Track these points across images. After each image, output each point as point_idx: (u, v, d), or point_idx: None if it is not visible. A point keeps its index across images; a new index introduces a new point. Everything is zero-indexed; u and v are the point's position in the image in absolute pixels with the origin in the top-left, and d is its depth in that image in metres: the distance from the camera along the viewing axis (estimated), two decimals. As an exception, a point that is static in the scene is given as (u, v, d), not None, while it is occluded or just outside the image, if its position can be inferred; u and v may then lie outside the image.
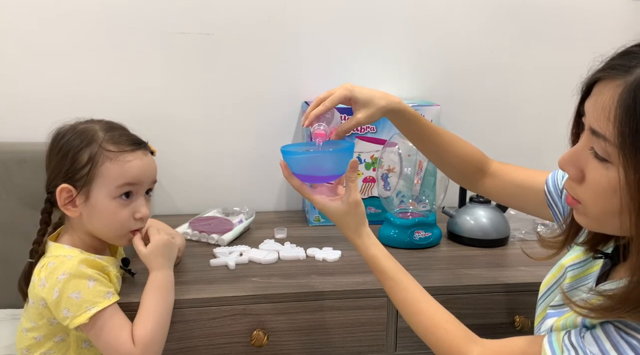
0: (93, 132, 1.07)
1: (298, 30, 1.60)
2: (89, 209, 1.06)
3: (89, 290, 1.00)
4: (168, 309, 1.07)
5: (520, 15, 1.64)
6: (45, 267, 1.03)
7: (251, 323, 1.14)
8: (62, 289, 0.99)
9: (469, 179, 1.17)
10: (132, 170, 1.07)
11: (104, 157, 1.05)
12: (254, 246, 1.36)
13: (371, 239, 1.00)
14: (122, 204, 1.07)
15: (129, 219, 1.08)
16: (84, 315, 0.99)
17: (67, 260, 1.02)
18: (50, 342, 1.07)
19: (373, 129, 1.51)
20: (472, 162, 1.14)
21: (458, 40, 1.66)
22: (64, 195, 1.05)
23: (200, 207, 1.59)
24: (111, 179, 1.05)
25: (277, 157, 1.67)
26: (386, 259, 0.98)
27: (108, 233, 1.09)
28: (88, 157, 1.05)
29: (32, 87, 1.52)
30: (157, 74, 1.57)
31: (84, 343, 1.09)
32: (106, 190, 1.05)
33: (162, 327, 1.04)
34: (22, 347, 1.09)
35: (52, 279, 1.00)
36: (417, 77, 1.68)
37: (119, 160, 1.06)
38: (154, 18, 1.53)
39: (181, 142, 1.62)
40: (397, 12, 1.62)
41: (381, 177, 1.48)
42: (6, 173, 1.44)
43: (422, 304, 0.94)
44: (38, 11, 1.49)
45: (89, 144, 1.06)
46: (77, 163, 1.05)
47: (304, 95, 1.64)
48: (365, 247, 0.99)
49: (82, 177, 1.05)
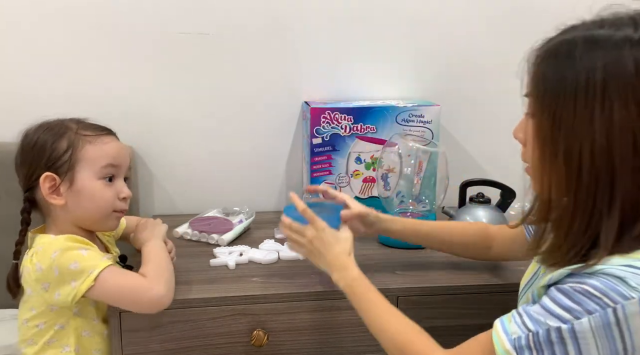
0: (64, 124, 1.10)
1: (298, 30, 1.59)
2: (74, 194, 1.08)
3: (85, 257, 1.03)
4: (166, 256, 1.13)
5: (520, 15, 1.64)
6: (35, 254, 1.05)
7: (251, 323, 1.14)
8: (59, 265, 1.01)
9: (481, 254, 1.22)
10: (113, 151, 1.11)
11: (83, 140, 1.08)
12: (254, 246, 1.36)
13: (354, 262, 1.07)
14: (106, 185, 1.10)
15: (114, 199, 1.11)
16: (89, 278, 1.01)
17: (54, 241, 1.05)
18: (51, 330, 1.08)
19: (373, 129, 1.51)
20: (475, 240, 1.21)
21: (458, 40, 1.66)
22: (47, 184, 1.06)
23: (200, 207, 1.58)
24: (94, 160, 1.08)
25: (277, 157, 1.68)
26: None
27: (94, 215, 1.11)
28: (67, 143, 1.07)
29: (31, 87, 1.52)
30: (157, 73, 1.57)
31: (84, 332, 1.10)
32: (90, 171, 1.08)
33: (167, 264, 1.11)
34: (25, 339, 1.10)
35: (46, 259, 1.02)
36: (417, 77, 1.68)
37: (98, 142, 1.09)
38: (153, 18, 1.53)
39: (181, 142, 1.62)
40: (397, 12, 1.62)
41: (381, 177, 1.48)
42: (6, 173, 1.43)
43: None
44: (37, 11, 1.49)
45: (64, 133, 1.08)
46: (57, 151, 1.07)
47: (304, 95, 1.63)
48: (355, 266, 1.05)
49: (64, 163, 1.06)
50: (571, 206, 0.78)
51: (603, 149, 0.74)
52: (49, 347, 1.08)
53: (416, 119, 1.53)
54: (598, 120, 0.74)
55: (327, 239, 1.07)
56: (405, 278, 1.22)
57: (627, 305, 0.69)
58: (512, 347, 0.76)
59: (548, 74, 0.79)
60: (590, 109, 0.75)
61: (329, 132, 1.51)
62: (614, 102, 0.74)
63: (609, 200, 0.75)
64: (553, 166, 0.79)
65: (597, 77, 0.74)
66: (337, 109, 1.50)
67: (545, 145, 0.80)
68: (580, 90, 0.75)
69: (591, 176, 0.76)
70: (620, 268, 0.72)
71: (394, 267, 1.27)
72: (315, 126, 1.50)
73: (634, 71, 0.73)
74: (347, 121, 1.50)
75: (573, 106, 0.76)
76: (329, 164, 1.54)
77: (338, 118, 1.50)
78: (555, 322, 0.73)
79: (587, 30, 0.78)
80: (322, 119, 1.50)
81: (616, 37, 0.75)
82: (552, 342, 0.73)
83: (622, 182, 0.75)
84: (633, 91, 0.73)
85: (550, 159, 0.79)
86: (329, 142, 1.52)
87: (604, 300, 0.70)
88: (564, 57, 0.78)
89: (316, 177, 1.54)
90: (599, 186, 0.75)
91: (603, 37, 0.76)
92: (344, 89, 1.65)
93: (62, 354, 1.09)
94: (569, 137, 0.76)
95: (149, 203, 1.65)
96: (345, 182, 1.56)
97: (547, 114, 0.79)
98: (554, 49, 0.80)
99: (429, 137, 1.53)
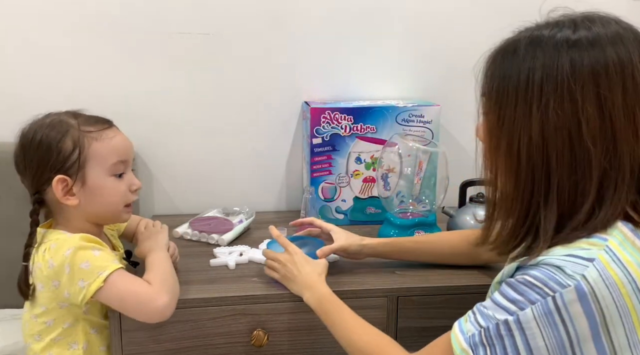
0: (64, 121, 1.09)
1: (298, 30, 1.59)
2: (87, 193, 1.08)
3: (96, 257, 1.03)
4: (170, 267, 1.12)
5: (521, 15, 1.64)
6: (48, 250, 1.04)
7: (251, 323, 1.14)
8: (71, 263, 1.01)
9: (473, 259, 1.23)
10: (119, 146, 1.11)
11: (88, 138, 1.07)
12: (254, 246, 1.36)
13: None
14: (117, 179, 1.11)
15: (127, 192, 1.12)
16: (99, 279, 1.01)
17: (68, 238, 1.05)
18: (59, 327, 1.08)
19: (373, 129, 1.52)
20: (462, 249, 1.22)
21: (458, 40, 1.66)
22: (60, 186, 1.06)
23: (200, 207, 1.58)
24: (103, 158, 1.08)
25: (277, 157, 1.68)
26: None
27: (108, 211, 1.12)
28: (72, 143, 1.06)
29: (31, 87, 1.52)
30: (157, 74, 1.57)
31: (92, 329, 1.11)
32: (101, 169, 1.08)
33: (172, 273, 1.10)
34: (32, 333, 1.10)
35: (59, 256, 1.02)
36: (417, 77, 1.68)
37: (103, 138, 1.09)
38: (154, 18, 1.53)
39: (181, 142, 1.62)
40: (397, 12, 1.62)
41: (381, 177, 1.48)
42: (6, 173, 1.43)
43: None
44: (37, 11, 1.49)
45: (67, 132, 1.07)
46: (63, 152, 1.06)
47: (304, 95, 1.64)
48: (325, 285, 1.08)
49: (73, 163, 1.06)
50: (511, 196, 0.83)
51: (539, 145, 0.78)
52: (55, 343, 1.09)
53: (416, 119, 1.53)
54: (535, 118, 0.78)
55: (299, 260, 1.12)
56: (405, 278, 1.22)
57: (565, 293, 0.72)
58: (468, 345, 0.78)
59: (495, 73, 0.84)
60: (529, 107, 0.79)
61: (329, 132, 1.51)
62: (550, 101, 0.77)
63: (546, 193, 0.79)
64: (497, 159, 0.84)
65: (535, 77, 0.78)
66: (337, 109, 1.50)
67: (491, 140, 0.85)
68: (520, 88, 0.79)
69: (528, 170, 0.80)
70: (560, 258, 0.75)
71: (394, 267, 1.27)
72: (315, 126, 1.50)
73: (569, 71, 0.76)
74: (347, 121, 1.50)
75: (514, 104, 0.80)
76: (329, 164, 1.54)
77: (338, 118, 1.50)
78: (503, 315, 0.76)
79: (533, 31, 0.83)
80: (322, 119, 1.50)
81: (556, 39, 0.79)
82: (501, 336, 0.75)
83: (557, 176, 0.78)
84: (569, 91, 0.76)
85: (494, 152, 0.84)
86: (329, 142, 1.52)
87: (544, 289, 0.73)
88: (510, 56, 0.82)
89: (316, 177, 1.54)
90: (535, 179, 0.80)
91: (544, 38, 0.80)
92: (344, 89, 1.65)
93: (69, 351, 1.09)
94: (510, 133, 0.81)
95: (149, 203, 1.65)
96: (345, 182, 1.56)
97: (493, 111, 0.83)
98: (501, 49, 0.85)
99: (429, 137, 1.53)
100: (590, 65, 0.77)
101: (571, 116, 0.77)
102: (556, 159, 0.78)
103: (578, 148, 0.77)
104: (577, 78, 0.76)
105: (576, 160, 0.77)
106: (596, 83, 0.76)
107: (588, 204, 0.78)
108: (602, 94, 0.76)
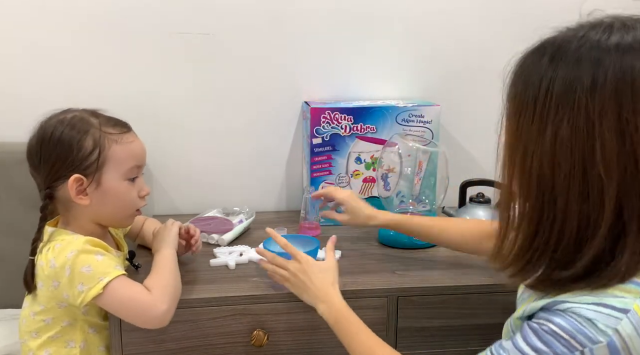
0: (85, 119, 1.08)
1: (298, 30, 1.59)
2: (100, 195, 1.08)
3: (99, 262, 1.03)
4: (174, 268, 1.11)
5: (521, 16, 1.64)
6: (52, 249, 1.04)
7: (251, 323, 1.14)
8: (72, 266, 1.01)
9: (477, 248, 1.20)
10: (137, 151, 1.11)
11: (109, 140, 1.07)
12: (254, 246, 1.36)
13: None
14: (130, 184, 1.11)
15: (137, 197, 1.12)
16: (98, 285, 1.01)
17: (73, 240, 1.05)
18: (58, 326, 1.08)
19: (373, 129, 1.52)
20: (475, 236, 1.19)
21: (458, 41, 1.66)
22: (75, 185, 1.05)
23: (200, 207, 1.58)
24: (121, 161, 1.08)
25: (277, 157, 1.68)
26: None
27: (117, 215, 1.12)
28: (93, 143, 1.06)
29: (31, 87, 1.52)
30: (157, 73, 1.57)
31: (91, 329, 1.11)
32: (117, 173, 1.08)
33: (174, 276, 1.09)
34: (30, 330, 1.10)
35: (61, 258, 1.02)
36: (417, 77, 1.68)
37: (123, 141, 1.09)
38: (154, 18, 1.53)
39: (181, 142, 1.62)
40: (397, 12, 1.62)
41: (381, 177, 1.48)
42: (6, 173, 1.44)
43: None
44: (37, 11, 1.49)
45: (88, 130, 1.07)
46: (83, 151, 1.05)
47: (304, 95, 1.63)
48: (340, 297, 1.06)
49: (92, 163, 1.06)
50: (520, 209, 0.78)
51: (549, 164, 0.73)
52: (52, 341, 1.09)
53: (416, 119, 1.53)
54: (548, 134, 0.72)
55: (311, 270, 1.08)
56: (405, 278, 1.22)
57: (595, 350, 0.68)
58: None
59: (518, 80, 0.78)
60: (544, 121, 0.73)
61: (329, 132, 1.51)
62: (564, 118, 0.71)
63: (553, 217, 0.73)
64: (512, 167, 0.79)
65: (555, 88, 0.72)
66: (337, 109, 1.50)
67: (509, 147, 0.79)
68: (540, 99, 0.73)
69: (538, 189, 0.74)
70: (591, 308, 0.69)
71: (394, 267, 1.27)
72: (315, 126, 1.50)
73: (589, 87, 0.69)
74: (347, 121, 1.50)
75: (532, 115, 0.74)
76: (329, 164, 1.54)
77: (338, 118, 1.50)
78: None
79: (560, 39, 0.76)
80: (322, 119, 1.50)
81: (588, 44, 0.72)
82: None
83: (564, 202, 0.72)
84: (585, 109, 0.69)
85: (510, 159, 0.79)
86: (329, 142, 1.52)
87: (571, 342, 0.69)
88: (537, 62, 0.76)
89: (316, 177, 1.54)
90: (544, 200, 0.74)
91: (573, 44, 0.73)
92: (344, 89, 1.65)
93: (66, 349, 1.09)
94: (525, 145, 0.75)
95: (149, 203, 1.64)
96: (345, 182, 1.56)
97: (513, 118, 0.78)
98: (527, 56, 0.79)
99: (429, 137, 1.53)
100: (614, 81, 0.68)
101: (586, 139, 0.69)
102: (566, 184, 0.71)
103: (590, 175, 0.70)
104: (597, 96, 0.69)
105: (588, 188, 0.70)
106: (619, 103, 0.68)
107: (598, 238, 0.71)
108: (624, 116, 0.68)
